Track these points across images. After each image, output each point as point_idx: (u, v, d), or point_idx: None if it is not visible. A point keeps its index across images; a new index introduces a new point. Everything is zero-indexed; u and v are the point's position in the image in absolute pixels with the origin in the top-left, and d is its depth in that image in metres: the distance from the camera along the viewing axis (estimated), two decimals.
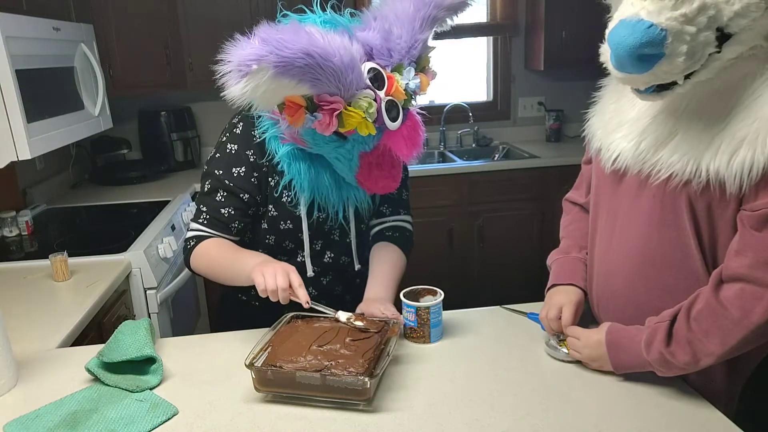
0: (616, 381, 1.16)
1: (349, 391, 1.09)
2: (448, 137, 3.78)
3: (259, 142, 1.36)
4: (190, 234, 1.40)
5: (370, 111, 1.17)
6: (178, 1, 3.06)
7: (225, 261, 1.34)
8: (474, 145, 3.79)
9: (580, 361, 1.21)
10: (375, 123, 1.19)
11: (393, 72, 1.22)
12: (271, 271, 1.20)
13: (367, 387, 1.09)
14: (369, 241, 1.55)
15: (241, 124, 1.39)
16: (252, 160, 1.37)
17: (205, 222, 1.38)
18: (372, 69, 1.19)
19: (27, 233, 2.34)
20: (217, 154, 1.39)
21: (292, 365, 1.12)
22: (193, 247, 1.38)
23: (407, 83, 1.23)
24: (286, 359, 1.14)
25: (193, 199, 2.83)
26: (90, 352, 1.29)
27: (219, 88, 1.06)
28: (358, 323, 1.25)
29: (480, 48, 3.85)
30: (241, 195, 1.37)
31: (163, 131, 3.38)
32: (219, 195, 1.37)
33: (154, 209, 2.57)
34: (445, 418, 1.07)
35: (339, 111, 1.15)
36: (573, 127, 3.70)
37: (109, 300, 1.83)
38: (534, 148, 3.54)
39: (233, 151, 1.37)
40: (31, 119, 1.93)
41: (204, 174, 1.40)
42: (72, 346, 1.48)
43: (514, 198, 3.32)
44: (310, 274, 1.46)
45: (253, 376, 1.14)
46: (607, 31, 1.00)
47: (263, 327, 1.33)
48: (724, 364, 1.11)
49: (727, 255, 1.03)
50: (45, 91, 2.08)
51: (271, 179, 1.39)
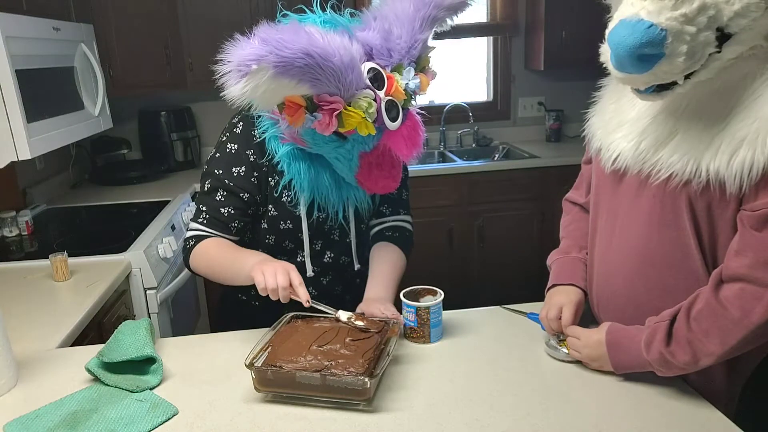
0: (616, 381, 1.16)
1: (349, 391, 1.09)
2: (448, 137, 3.78)
3: (259, 141, 1.36)
4: (190, 234, 1.40)
5: (370, 111, 1.17)
6: (178, 1, 3.07)
7: (224, 260, 1.34)
8: (474, 145, 3.79)
9: (580, 361, 1.21)
10: (375, 123, 1.19)
11: (393, 72, 1.22)
12: (271, 270, 1.20)
13: (367, 387, 1.09)
14: (369, 241, 1.55)
15: (241, 124, 1.39)
16: (252, 160, 1.37)
17: (204, 221, 1.38)
18: (372, 69, 1.19)
19: (27, 233, 2.34)
20: (217, 154, 1.39)
21: (292, 365, 1.12)
22: (192, 246, 1.38)
23: (407, 83, 1.23)
24: (286, 359, 1.14)
25: (193, 199, 2.83)
26: (90, 352, 1.29)
27: (219, 88, 1.06)
28: (358, 323, 1.24)
29: (480, 48, 3.85)
30: (241, 194, 1.37)
31: (163, 131, 3.38)
32: (219, 194, 1.37)
33: (154, 209, 2.57)
34: (445, 418, 1.07)
35: (339, 111, 1.15)
36: (573, 127, 3.70)
37: (109, 300, 1.83)
38: (534, 148, 3.54)
39: (233, 151, 1.37)
40: (31, 119, 1.93)
41: (204, 174, 1.40)
42: (72, 346, 1.48)
43: (514, 198, 3.32)
44: (309, 274, 1.46)
45: (253, 376, 1.14)
46: (607, 31, 1.00)
47: (263, 327, 1.33)
48: (724, 364, 1.11)
49: (727, 255, 1.03)
50: (45, 91, 2.08)
51: (271, 179, 1.39)
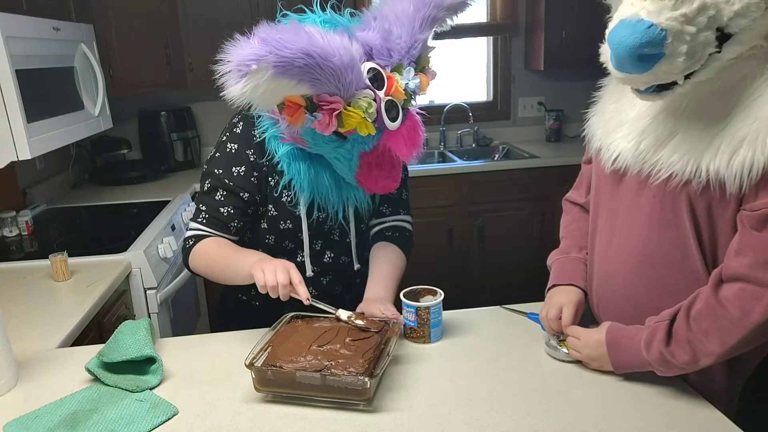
0: (616, 381, 1.16)
1: (349, 391, 1.09)
2: (448, 137, 3.78)
3: (259, 141, 1.36)
4: (189, 233, 1.40)
5: (370, 111, 1.17)
6: (178, 1, 3.07)
7: (224, 260, 1.34)
8: (474, 145, 3.79)
9: (580, 361, 1.21)
10: (375, 123, 1.19)
11: (393, 72, 1.22)
12: (271, 268, 1.20)
13: (367, 387, 1.09)
14: (369, 241, 1.55)
15: (241, 124, 1.39)
16: (252, 160, 1.37)
17: (204, 221, 1.38)
18: (372, 69, 1.19)
19: (27, 233, 2.34)
20: (217, 154, 1.39)
21: (292, 365, 1.12)
22: (191, 246, 1.38)
23: (407, 83, 1.23)
24: (286, 359, 1.14)
25: (193, 199, 2.83)
26: (90, 352, 1.29)
27: (219, 88, 1.06)
28: (358, 322, 1.25)
29: (480, 48, 3.85)
30: (241, 194, 1.37)
31: (163, 131, 3.38)
32: (218, 194, 1.37)
33: (154, 209, 2.57)
34: (445, 418, 1.07)
35: (338, 111, 1.15)
36: (573, 127, 3.70)
37: (109, 300, 1.83)
38: (534, 148, 3.54)
39: (233, 151, 1.37)
40: (31, 119, 1.93)
41: (204, 173, 1.40)
42: (72, 346, 1.48)
43: (514, 198, 3.32)
44: (309, 274, 1.46)
45: (253, 376, 1.14)
46: (607, 31, 1.00)
47: (263, 327, 1.33)
48: (724, 364, 1.11)
49: (727, 255, 1.03)
50: (45, 91, 2.08)
51: (270, 179, 1.39)
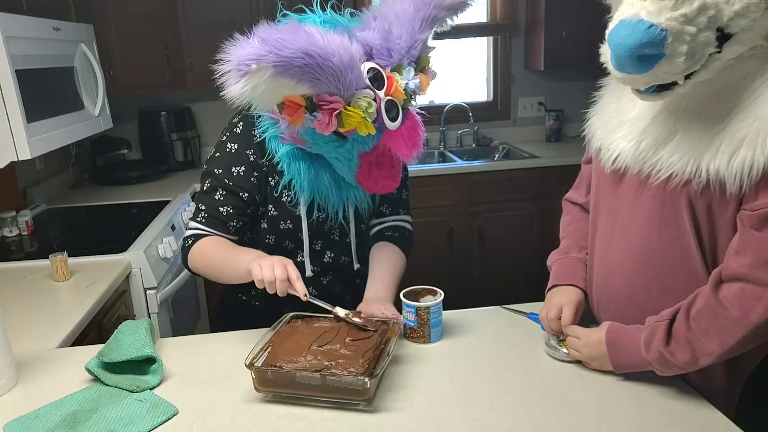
0: (616, 381, 1.16)
1: (349, 391, 1.09)
2: (448, 137, 3.78)
3: (259, 141, 1.36)
4: (189, 232, 1.40)
5: (370, 111, 1.17)
6: (178, 1, 3.06)
7: (222, 258, 1.34)
8: (474, 145, 3.79)
9: (580, 361, 1.21)
10: (374, 123, 1.19)
11: (393, 72, 1.22)
12: (269, 263, 1.21)
13: (367, 387, 1.09)
14: (369, 241, 1.55)
15: (241, 124, 1.39)
16: (252, 160, 1.37)
17: (203, 221, 1.38)
18: (371, 69, 1.19)
19: (27, 233, 2.34)
20: (217, 154, 1.39)
21: (292, 365, 1.12)
22: (190, 245, 1.38)
23: (407, 83, 1.23)
24: (286, 359, 1.14)
25: (193, 199, 2.82)
26: (90, 352, 1.29)
27: (219, 88, 1.06)
28: (356, 320, 1.25)
29: (480, 48, 3.85)
30: (241, 194, 1.37)
31: (163, 131, 3.38)
32: (218, 194, 1.37)
33: (154, 209, 2.57)
34: (445, 418, 1.07)
35: (338, 111, 1.15)
36: (573, 127, 3.70)
37: (109, 300, 1.82)
38: (534, 148, 3.54)
39: (233, 151, 1.37)
40: (31, 119, 1.93)
41: (204, 173, 1.40)
42: (72, 346, 1.48)
43: (514, 198, 3.32)
44: (309, 273, 1.46)
45: (253, 376, 1.14)
46: (607, 32, 1.00)
47: (263, 327, 1.33)
48: (723, 364, 1.11)
49: (727, 254, 1.03)
50: (45, 91, 2.08)
51: (270, 179, 1.39)
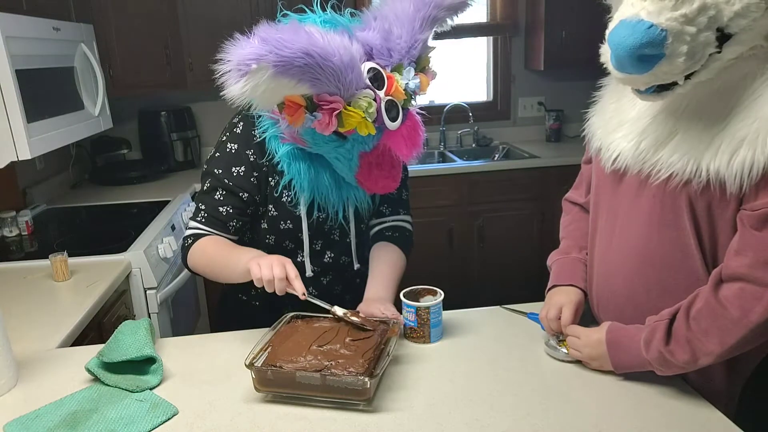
0: (616, 381, 1.16)
1: (349, 391, 1.09)
2: (448, 137, 3.78)
3: (259, 141, 1.36)
4: (188, 232, 1.40)
5: (370, 111, 1.17)
6: (178, 1, 3.06)
7: (221, 258, 1.34)
8: (474, 145, 3.79)
9: (579, 361, 1.21)
10: (375, 123, 1.19)
11: (393, 72, 1.22)
12: (267, 262, 1.21)
13: (367, 387, 1.09)
14: (369, 241, 1.55)
15: (242, 124, 1.39)
16: (252, 160, 1.37)
17: (203, 220, 1.38)
18: (372, 69, 1.19)
19: (27, 233, 2.34)
20: (217, 154, 1.39)
21: (292, 365, 1.12)
22: (190, 245, 1.39)
23: (407, 83, 1.23)
24: (286, 359, 1.14)
25: (193, 199, 2.83)
26: (90, 352, 1.29)
27: (219, 87, 1.06)
28: (354, 318, 1.25)
29: (480, 48, 3.85)
30: (240, 194, 1.37)
31: (163, 131, 3.38)
32: (218, 194, 1.37)
33: (154, 209, 2.57)
34: (445, 418, 1.07)
35: (338, 111, 1.15)
36: (573, 127, 3.70)
37: (109, 300, 1.82)
38: (534, 148, 3.54)
39: (233, 151, 1.37)
40: (31, 119, 1.93)
41: (204, 173, 1.40)
42: (72, 346, 1.48)
43: (514, 198, 3.32)
44: (309, 273, 1.46)
45: (253, 376, 1.14)
46: (607, 32, 1.00)
47: (263, 327, 1.33)
48: (723, 363, 1.11)
49: (727, 254, 1.03)
50: (45, 91, 2.08)
51: (271, 179, 1.39)
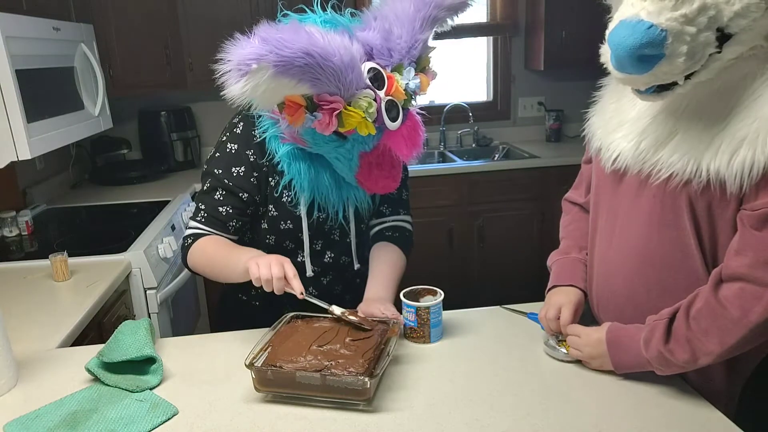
0: (616, 381, 1.16)
1: (349, 391, 1.09)
2: (448, 137, 3.78)
3: (259, 141, 1.36)
4: (188, 232, 1.40)
5: (370, 111, 1.17)
6: (178, 1, 3.06)
7: (221, 258, 1.34)
8: (474, 145, 3.79)
9: (579, 361, 1.21)
10: (375, 123, 1.19)
11: (393, 72, 1.22)
12: (266, 261, 1.21)
13: (367, 387, 1.09)
14: (369, 241, 1.55)
15: (242, 124, 1.39)
16: (252, 160, 1.37)
17: (203, 220, 1.38)
18: (372, 69, 1.19)
19: (27, 233, 2.34)
20: (217, 154, 1.39)
21: (292, 365, 1.12)
22: (190, 244, 1.39)
23: (407, 83, 1.23)
24: (286, 359, 1.14)
25: (193, 199, 2.83)
26: (90, 352, 1.29)
27: (219, 87, 1.06)
28: (351, 318, 1.25)
29: (480, 48, 3.85)
30: (240, 194, 1.37)
31: (163, 131, 3.38)
32: (218, 194, 1.37)
33: (154, 209, 2.57)
34: (445, 418, 1.07)
35: (339, 111, 1.15)
36: (573, 127, 3.70)
37: (109, 300, 1.82)
38: (534, 148, 3.54)
39: (233, 151, 1.37)
40: (31, 119, 1.93)
41: (204, 173, 1.41)
42: (72, 346, 1.48)
43: (514, 198, 3.32)
44: (309, 273, 1.46)
45: (253, 376, 1.14)
46: (607, 32, 1.00)
47: (263, 327, 1.33)
48: (723, 363, 1.11)
49: (727, 254, 1.03)
50: (45, 91, 2.08)
51: (271, 179, 1.39)
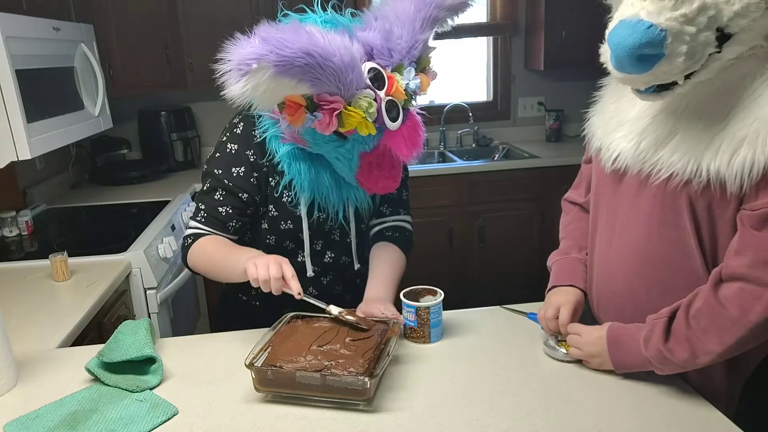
0: (616, 381, 1.16)
1: (349, 391, 1.09)
2: (448, 137, 3.78)
3: (260, 141, 1.36)
4: (188, 232, 1.41)
5: (370, 111, 1.17)
6: (178, 1, 3.06)
7: (220, 257, 1.35)
8: (474, 145, 3.79)
9: (579, 361, 1.21)
10: (375, 123, 1.19)
11: (393, 72, 1.22)
12: (264, 262, 1.21)
13: (367, 387, 1.09)
14: (369, 241, 1.55)
15: (242, 124, 1.39)
16: (252, 160, 1.37)
17: (202, 220, 1.39)
18: (372, 69, 1.19)
19: (27, 233, 2.34)
20: (217, 154, 1.39)
21: (292, 365, 1.12)
22: (190, 244, 1.39)
23: (407, 83, 1.23)
24: (286, 359, 1.14)
25: (193, 199, 2.83)
26: (90, 352, 1.29)
27: (219, 87, 1.06)
28: (349, 318, 1.25)
29: (480, 48, 3.85)
30: (240, 194, 1.37)
31: (163, 131, 3.38)
32: (218, 194, 1.37)
33: (154, 209, 2.57)
34: (445, 418, 1.07)
35: (339, 111, 1.15)
36: (573, 127, 3.70)
37: (109, 300, 1.82)
38: (534, 148, 3.54)
39: (233, 151, 1.37)
40: (31, 119, 1.93)
41: (204, 173, 1.41)
42: (72, 346, 1.48)
43: (514, 198, 3.32)
44: (310, 274, 1.46)
45: (253, 376, 1.14)
46: (607, 32, 1.00)
47: (263, 327, 1.33)
48: (723, 363, 1.11)
49: (727, 254, 1.03)
50: (45, 91, 2.08)
51: (271, 179, 1.39)
